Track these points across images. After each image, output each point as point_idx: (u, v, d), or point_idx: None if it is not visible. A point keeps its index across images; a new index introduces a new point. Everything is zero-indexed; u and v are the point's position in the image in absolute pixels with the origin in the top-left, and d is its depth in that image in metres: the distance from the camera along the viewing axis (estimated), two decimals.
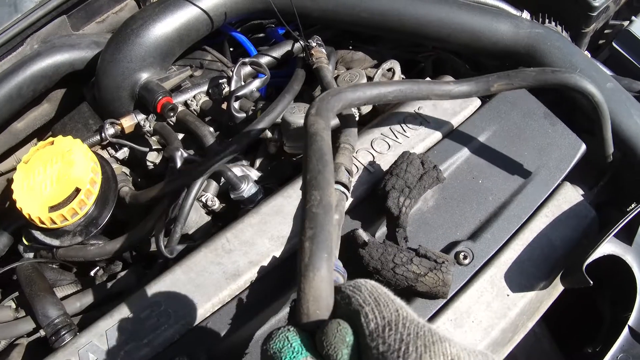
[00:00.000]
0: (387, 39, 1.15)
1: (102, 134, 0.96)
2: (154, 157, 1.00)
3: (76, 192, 0.86)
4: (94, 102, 1.06)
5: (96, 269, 0.98)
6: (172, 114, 0.96)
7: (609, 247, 0.87)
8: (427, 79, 0.76)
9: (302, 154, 0.56)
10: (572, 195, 0.93)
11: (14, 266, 0.92)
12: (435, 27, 0.99)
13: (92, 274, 0.98)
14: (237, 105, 0.95)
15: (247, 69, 1.02)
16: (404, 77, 1.05)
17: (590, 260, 0.81)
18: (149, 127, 0.98)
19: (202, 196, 0.90)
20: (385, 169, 0.87)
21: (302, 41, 1.00)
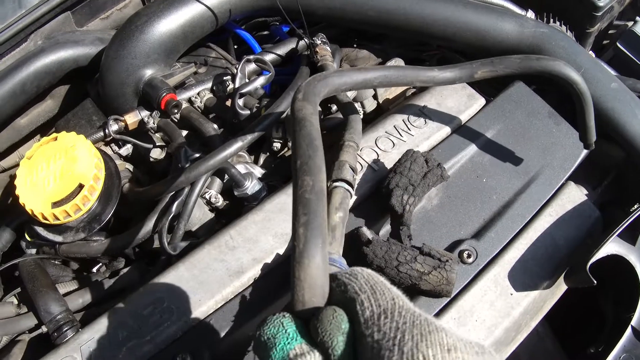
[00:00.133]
0: (392, 37, 1.15)
1: (106, 130, 0.95)
2: (158, 154, 1.00)
3: (79, 188, 0.86)
4: (97, 98, 1.06)
5: (98, 265, 0.98)
6: (176, 110, 0.95)
7: (612, 246, 0.86)
8: (412, 66, 0.74)
9: (291, 140, 0.54)
10: (576, 194, 0.93)
11: (17, 262, 0.92)
12: (440, 26, 0.99)
13: (94, 270, 0.98)
14: (241, 102, 0.94)
15: (252, 66, 1.02)
16: None
17: (594, 259, 0.81)
18: (152, 123, 0.98)
19: (205, 193, 0.90)
20: (389, 167, 0.87)
21: (306, 39, 1.00)
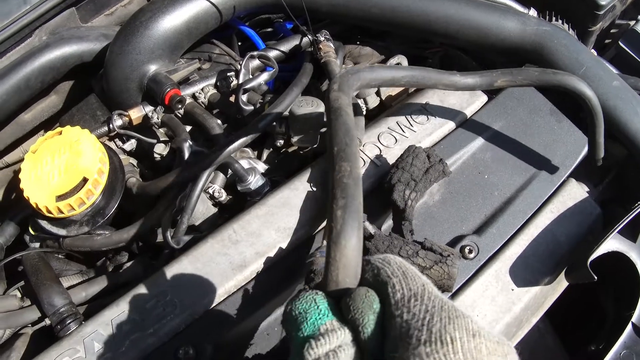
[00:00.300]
0: (395, 34, 1.15)
1: (110, 125, 0.96)
2: (161, 149, 1.01)
3: (84, 181, 0.87)
4: (102, 93, 1.07)
5: (102, 259, 0.99)
6: (180, 106, 0.96)
7: (613, 243, 0.87)
8: (438, 69, 0.77)
9: (327, 128, 0.57)
10: (577, 191, 0.93)
11: (21, 255, 0.92)
12: (443, 23, 0.99)
13: (97, 264, 0.99)
14: (245, 98, 0.95)
15: (255, 63, 1.02)
16: None
17: (594, 256, 0.81)
18: (156, 118, 0.98)
19: (209, 188, 0.91)
20: (391, 162, 0.87)
21: (310, 35, 1.01)
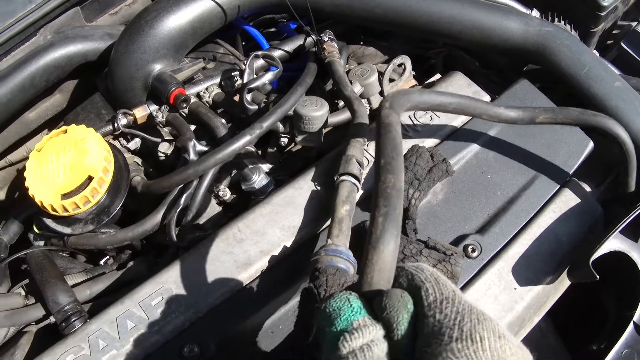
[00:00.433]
0: (398, 34, 1.16)
1: (115, 124, 0.96)
2: (166, 148, 1.01)
3: (89, 180, 0.87)
4: (106, 92, 1.07)
5: (106, 257, 0.99)
6: (185, 105, 0.96)
7: (615, 243, 0.87)
8: (486, 100, 0.82)
9: (375, 142, 0.63)
10: (579, 191, 0.94)
11: (25, 253, 0.92)
12: (446, 24, 1.00)
13: (101, 262, 0.99)
14: (249, 97, 0.95)
15: (260, 62, 1.03)
16: (414, 73, 1.06)
17: (597, 255, 0.81)
18: (161, 117, 0.99)
19: (213, 186, 0.91)
20: None
21: (314, 35, 1.01)
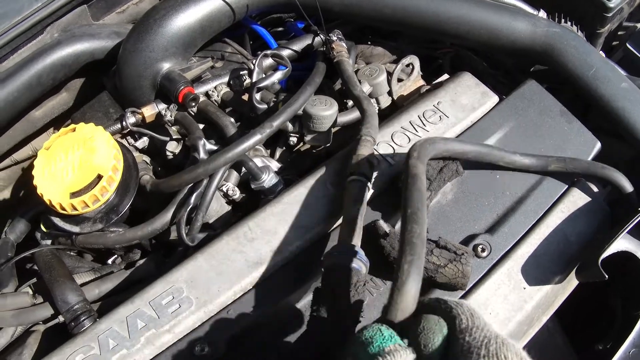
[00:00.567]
0: (406, 34, 1.16)
1: (123, 123, 0.96)
2: (174, 147, 1.01)
3: (98, 178, 0.87)
4: (114, 91, 1.07)
5: (114, 257, 0.99)
6: (194, 104, 0.96)
7: (622, 243, 0.88)
8: (500, 147, 0.88)
9: (402, 190, 0.69)
10: (587, 192, 0.94)
11: (33, 252, 0.92)
12: (454, 24, 1.00)
13: (109, 262, 0.99)
14: (258, 96, 0.95)
15: (268, 62, 1.03)
16: (422, 73, 1.06)
17: (605, 254, 0.82)
18: (170, 116, 0.99)
19: (223, 185, 0.91)
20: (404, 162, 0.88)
21: (323, 35, 1.01)
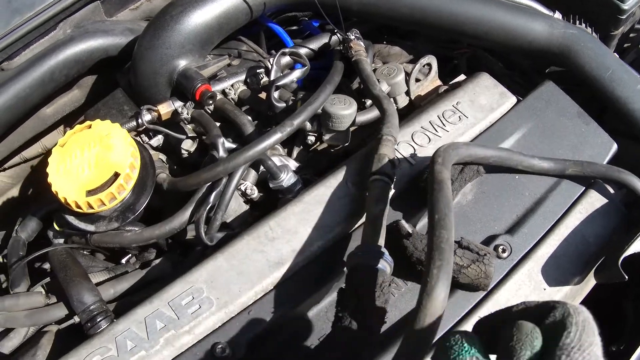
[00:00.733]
0: (422, 34, 1.16)
1: (139, 120, 0.95)
2: (189, 145, 0.99)
3: (115, 176, 0.85)
4: (128, 88, 1.05)
5: (128, 256, 0.97)
6: (211, 101, 0.95)
7: (638, 244, 0.88)
8: (519, 152, 0.88)
9: (428, 196, 0.69)
10: (604, 193, 0.94)
11: (47, 251, 0.90)
12: (472, 24, 1.00)
13: (123, 261, 0.97)
14: (276, 94, 0.95)
15: (285, 60, 1.02)
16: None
17: (625, 255, 0.82)
18: (186, 114, 0.97)
19: (241, 184, 0.90)
20: (425, 161, 0.88)
21: (341, 34, 1.01)
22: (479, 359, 0.43)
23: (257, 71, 1.00)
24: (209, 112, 0.98)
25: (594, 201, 0.93)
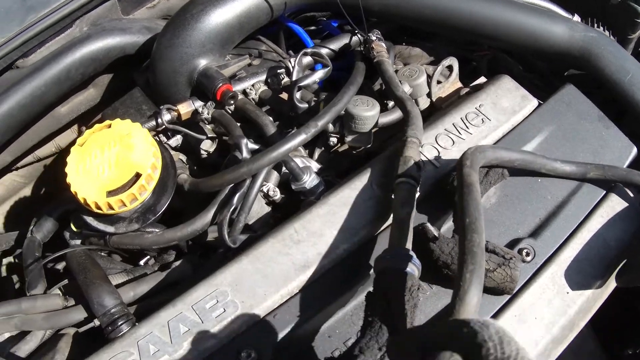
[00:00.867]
0: (442, 36, 1.15)
1: (159, 120, 0.93)
2: (208, 146, 0.98)
3: (136, 177, 0.84)
4: (146, 87, 1.04)
5: (147, 258, 0.96)
6: (233, 101, 0.94)
7: None
8: (543, 155, 0.88)
9: (458, 199, 0.69)
10: (624, 197, 0.94)
11: (66, 252, 0.89)
12: (493, 26, 1.00)
13: (141, 263, 0.96)
14: (299, 95, 0.94)
15: (305, 60, 1.01)
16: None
17: None
18: (207, 114, 0.96)
19: (263, 186, 0.89)
20: (450, 164, 0.87)
21: (363, 34, 1.00)
22: None
23: (278, 71, 0.99)
24: (230, 112, 0.97)
25: (615, 205, 0.93)
